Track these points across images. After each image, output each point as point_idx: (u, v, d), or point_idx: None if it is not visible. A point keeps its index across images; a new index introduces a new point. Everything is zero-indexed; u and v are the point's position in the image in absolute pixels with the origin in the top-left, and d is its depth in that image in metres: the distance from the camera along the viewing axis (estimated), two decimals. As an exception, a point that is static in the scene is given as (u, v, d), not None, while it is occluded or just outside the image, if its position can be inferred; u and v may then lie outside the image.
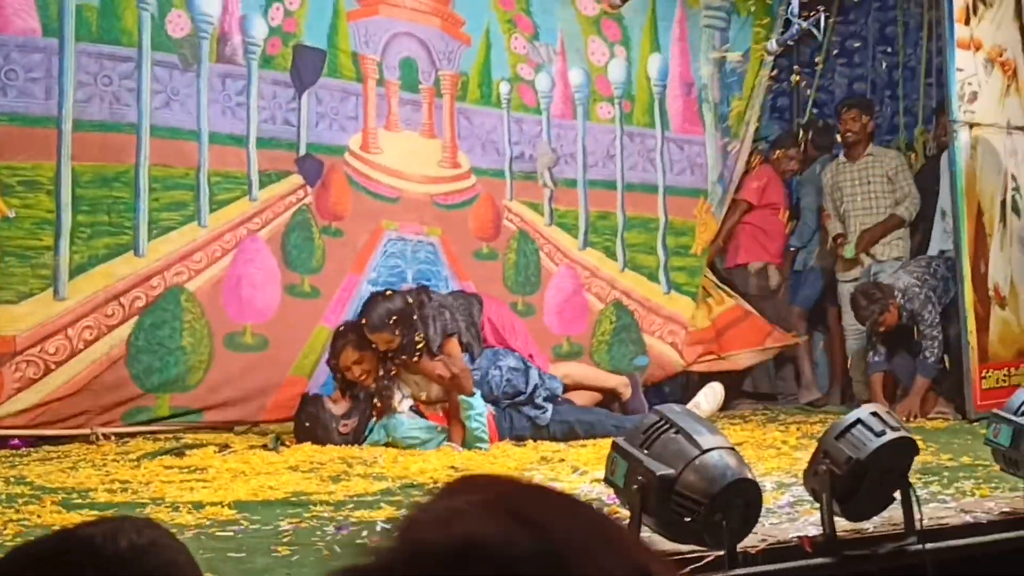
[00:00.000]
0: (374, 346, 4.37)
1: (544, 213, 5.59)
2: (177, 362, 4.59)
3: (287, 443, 4.34)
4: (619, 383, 4.98)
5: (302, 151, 4.94)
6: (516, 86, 5.52)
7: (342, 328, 4.55)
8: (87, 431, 4.36)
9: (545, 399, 4.59)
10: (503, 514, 0.60)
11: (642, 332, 5.73)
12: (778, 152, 6.21)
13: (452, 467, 3.86)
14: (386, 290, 4.59)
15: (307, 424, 4.38)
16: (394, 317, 4.33)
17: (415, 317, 4.36)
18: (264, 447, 4.23)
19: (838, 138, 5.94)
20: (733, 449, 2.43)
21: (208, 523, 2.86)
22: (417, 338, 4.33)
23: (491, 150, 5.42)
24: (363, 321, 4.36)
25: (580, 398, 4.85)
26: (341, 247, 5.02)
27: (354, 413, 4.41)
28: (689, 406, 4.77)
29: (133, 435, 4.43)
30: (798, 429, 4.85)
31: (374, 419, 4.43)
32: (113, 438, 4.37)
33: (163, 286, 4.57)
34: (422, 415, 4.47)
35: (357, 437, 4.39)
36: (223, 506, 3.03)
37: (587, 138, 5.70)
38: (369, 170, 5.12)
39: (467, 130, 5.39)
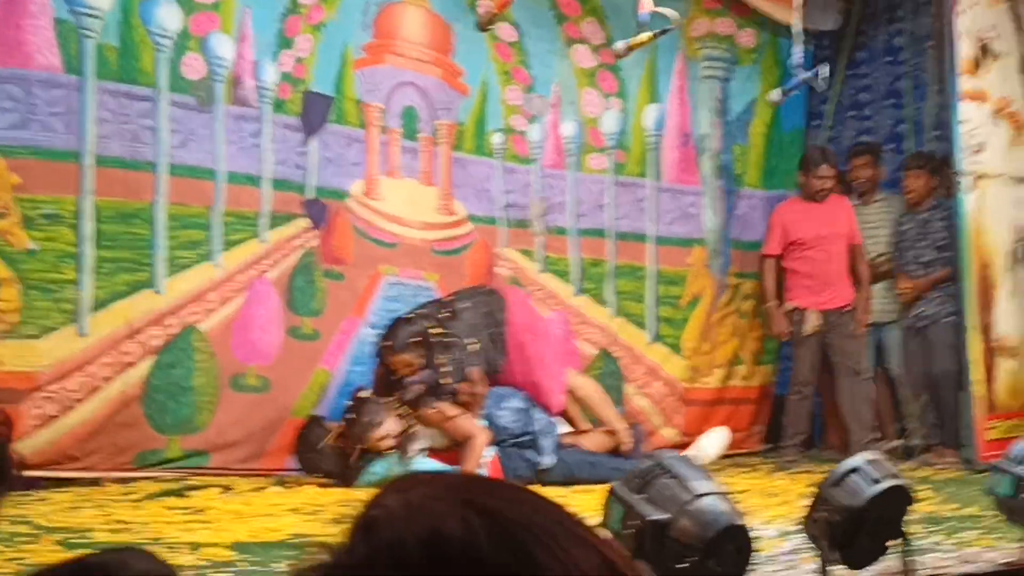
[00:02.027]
0: (395, 396, 4.70)
1: (537, 260, 6.01)
2: (189, 403, 4.95)
3: (289, 484, 4.66)
4: (623, 429, 5.01)
5: (309, 194, 5.38)
6: (509, 137, 6.01)
7: (359, 397, 4.81)
8: (98, 475, 4.62)
9: (547, 448, 4.61)
10: (459, 504, 0.63)
11: (624, 381, 6.11)
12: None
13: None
14: (410, 314, 4.99)
15: (304, 440, 4.72)
16: (416, 338, 4.72)
17: (435, 344, 4.74)
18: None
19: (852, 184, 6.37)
20: (727, 495, 2.46)
21: (205, 564, 2.97)
22: (442, 372, 4.54)
23: (484, 198, 5.90)
24: (387, 343, 4.75)
25: (588, 443, 4.86)
26: (342, 291, 5.44)
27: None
28: (692, 449, 4.83)
29: (137, 478, 4.68)
30: (806, 477, 4.86)
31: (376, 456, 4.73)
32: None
33: (179, 325, 4.95)
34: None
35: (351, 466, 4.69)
36: (221, 547, 3.10)
37: (577, 188, 6.13)
38: (371, 216, 5.55)
39: (462, 178, 5.86)
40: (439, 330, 4.82)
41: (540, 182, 5.97)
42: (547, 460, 4.84)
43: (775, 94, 4.74)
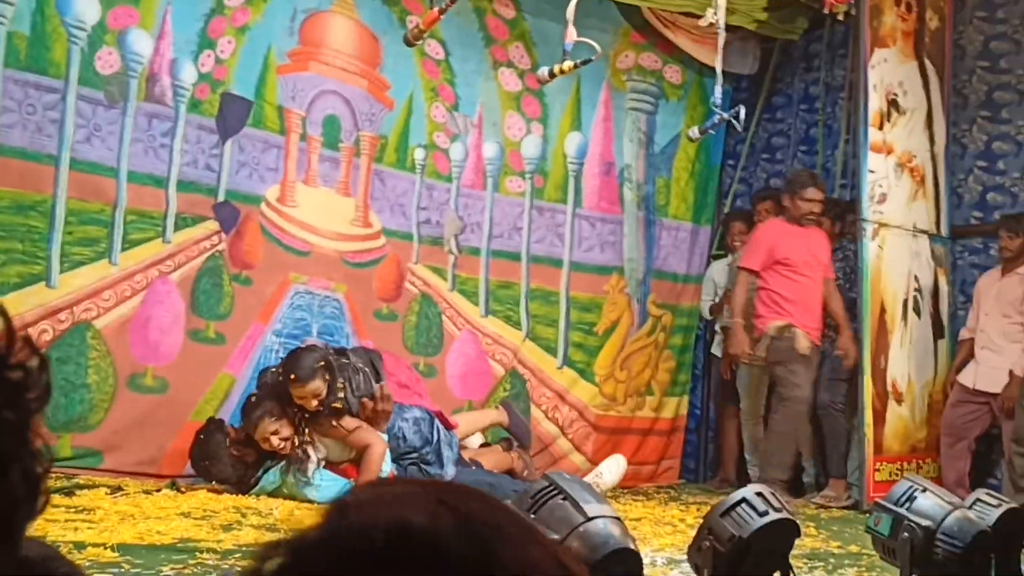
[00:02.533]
0: (295, 409, 4.59)
1: (447, 279, 5.95)
2: (81, 400, 4.79)
3: (183, 489, 4.57)
4: (496, 415, 5.12)
5: (221, 197, 5.25)
6: (431, 153, 5.94)
7: (253, 399, 4.75)
8: None
9: (449, 459, 4.62)
10: (431, 501, 0.66)
11: (532, 403, 6.11)
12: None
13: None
14: (304, 345, 4.92)
15: (202, 444, 4.59)
16: (321, 363, 4.59)
17: (336, 367, 4.65)
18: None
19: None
20: (619, 519, 2.51)
21: (87, 564, 2.90)
22: (339, 394, 4.35)
23: (399, 213, 5.82)
24: (292, 376, 4.56)
25: (487, 461, 4.89)
26: (250, 296, 5.31)
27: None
28: (591, 476, 4.87)
29: None
30: (698, 509, 4.96)
31: (272, 463, 4.64)
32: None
33: (71, 321, 4.78)
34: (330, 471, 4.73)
35: (247, 473, 4.60)
36: (106, 548, 3.03)
37: (494, 209, 6.09)
38: (284, 222, 5.44)
39: (380, 191, 5.78)
40: (337, 358, 4.70)
41: (458, 201, 5.93)
42: (449, 471, 4.80)
43: (693, 131, 4.85)
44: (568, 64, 4.16)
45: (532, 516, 2.47)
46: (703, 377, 6.86)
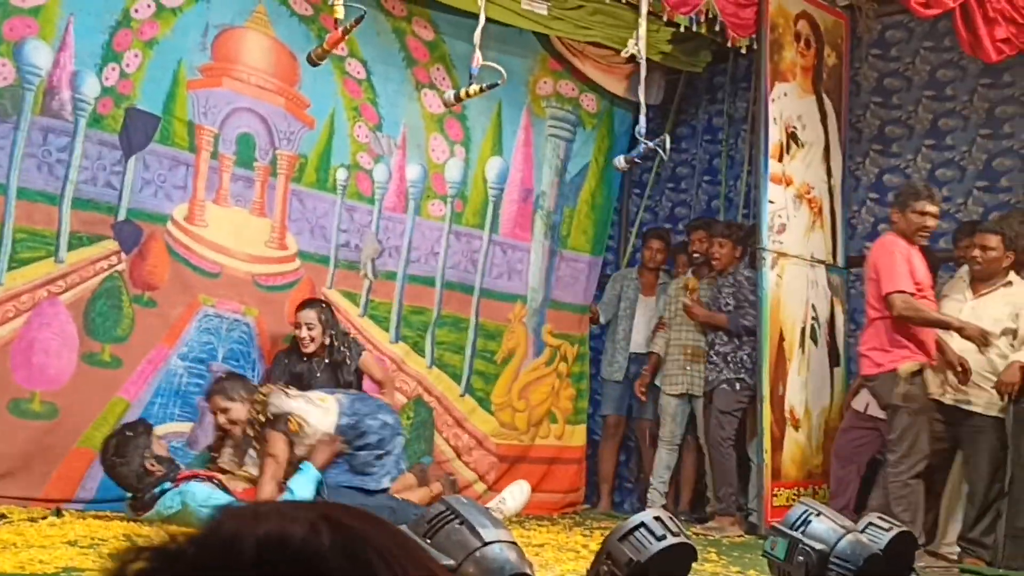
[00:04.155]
0: (256, 407, 4.48)
1: (359, 304, 5.66)
2: None
3: (65, 515, 4.20)
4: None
5: (121, 216, 4.86)
6: (354, 174, 5.63)
7: (234, 376, 4.70)
8: None
9: (390, 475, 4.67)
10: (311, 515, 0.63)
11: (436, 430, 5.85)
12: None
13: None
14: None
15: (122, 440, 4.29)
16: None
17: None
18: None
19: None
20: (515, 544, 2.47)
21: None
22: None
23: (319, 235, 5.48)
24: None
25: (414, 498, 4.77)
26: (153, 318, 4.92)
27: (167, 465, 4.33)
28: (494, 503, 4.81)
29: None
30: (602, 534, 4.94)
31: (171, 485, 4.28)
32: None
33: None
34: (227, 491, 4.36)
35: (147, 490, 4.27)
36: (-15, 579, 2.82)
37: (415, 233, 5.84)
38: (192, 242, 5.07)
39: (299, 212, 5.43)
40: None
41: (379, 223, 5.65)
42: (384, 483, 4.65)
43: (619, 160, 4.76)
44: (474, 88, 4.10)
45: (428, 541, 2.42)
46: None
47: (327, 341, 5.00)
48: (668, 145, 4.48)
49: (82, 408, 4.67)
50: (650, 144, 4.41)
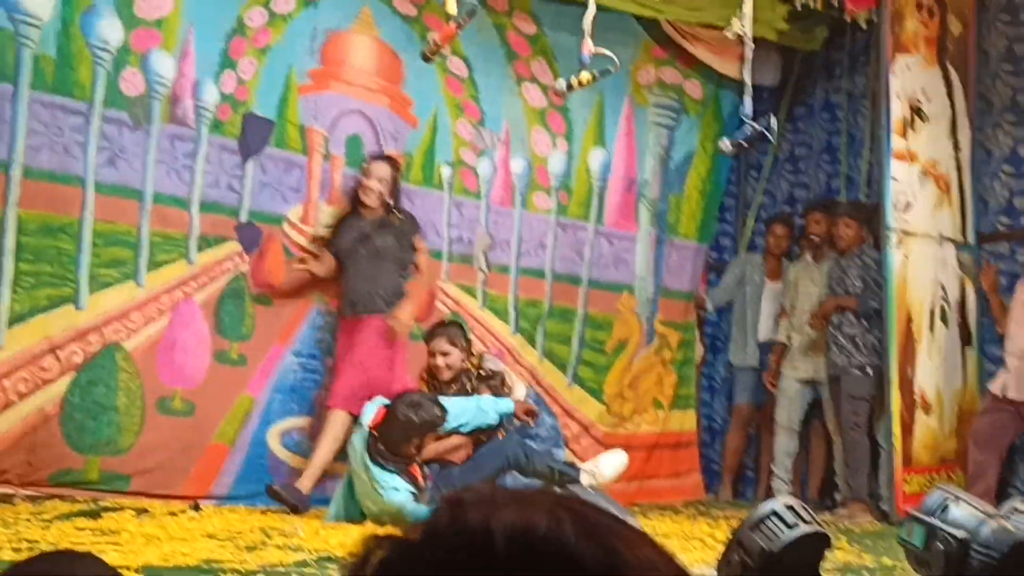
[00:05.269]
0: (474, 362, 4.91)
1: (478, 296, 5.84)
2: (110, 423, 4.73)
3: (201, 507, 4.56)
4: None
5: (243, 218, 5.19)
6: (459, 170, 5.85)
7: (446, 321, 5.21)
8: (11, 492, 4.38)
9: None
10: (547, 502, 0.64)
11: None
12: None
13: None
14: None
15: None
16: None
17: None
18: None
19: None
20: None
21: None
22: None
23: (430, 231, 5.69)
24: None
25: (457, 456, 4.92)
26: (271, 316, 5.24)
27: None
28: (588, 465, 4.75)
29: (51, 496, 4.50)
30: (728, 523, 4.86)
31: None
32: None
33: (101, 343, 4.73)
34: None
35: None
36: (131, 570, 3.02)
37: (522, 226, 6.01)
38: (306, 242, 5.33)
39: (408, 209, 5.59)
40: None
41: (487, 218, 5.86)
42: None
43: (725, 143, 4.62)
44: (586, 75, 4.10)
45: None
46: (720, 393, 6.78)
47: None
48: (774, 125, 4.33)
49: (216, 405, 5.02)
50: (756, 126, 4.25)
